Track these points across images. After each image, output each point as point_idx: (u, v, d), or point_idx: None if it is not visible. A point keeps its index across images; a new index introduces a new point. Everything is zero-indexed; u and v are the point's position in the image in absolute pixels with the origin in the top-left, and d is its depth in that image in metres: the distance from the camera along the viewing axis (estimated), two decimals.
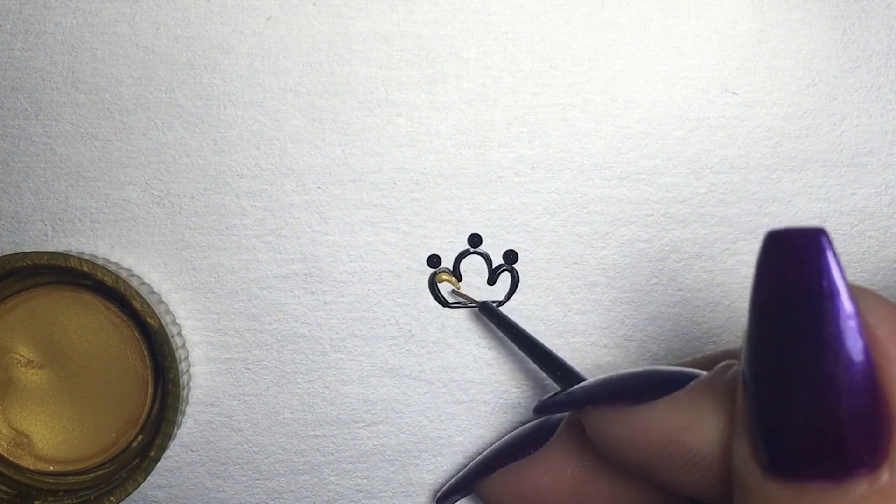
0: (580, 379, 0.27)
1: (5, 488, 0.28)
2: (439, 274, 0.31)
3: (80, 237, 0.30)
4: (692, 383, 0.21)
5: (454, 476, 0.31)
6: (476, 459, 0.30)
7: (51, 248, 0.30)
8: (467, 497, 0.31)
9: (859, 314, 0.17)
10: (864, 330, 0.17)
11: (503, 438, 0.29)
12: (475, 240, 0.31)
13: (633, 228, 0.32)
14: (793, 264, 0.17)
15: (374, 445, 0.31)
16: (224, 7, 0.30)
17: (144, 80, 0.30)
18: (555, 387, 0.28)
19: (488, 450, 0.30)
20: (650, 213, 0.32)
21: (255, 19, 0.30)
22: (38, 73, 0.30)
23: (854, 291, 0.17)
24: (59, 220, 0.30)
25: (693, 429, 0.20)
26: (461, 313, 0.31)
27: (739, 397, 0.19)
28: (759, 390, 0.18)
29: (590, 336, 0.32)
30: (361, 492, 0.31)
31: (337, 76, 0.31)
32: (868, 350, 0.17)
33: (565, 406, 0.25)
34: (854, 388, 0.17)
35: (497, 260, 0.31)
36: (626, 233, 0.32)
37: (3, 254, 0.30)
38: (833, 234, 0.32)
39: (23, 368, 0.29)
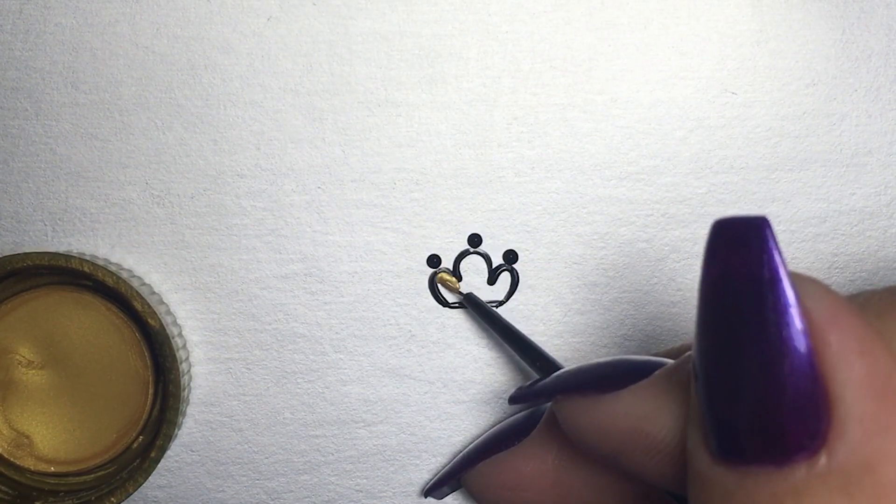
0: (558, 368, 0.27)
1: (6, 489, 0.28)
2: (440, 274, 0.31)
3: (80, 237, 0.30)
4: (656, 373, 0.21)
5: (441, 469, 0.31)
6: (463, 451, 0.30)
7: (51, 249, 0.30)
8: (456, 493, 0.31)
9: (800, 301, 0.17)
10: (804, 316, 0.17)
11: (490, 430, 0.30)
12: (475, 240, 0.31)
13: (632, 228, 0.32)
14: (736, 252, 0.17)
15: (374, 445, 0.31)
16: (224, 7, 0.30)
17: (144, 80, 0.30)
18: None
19: (475, 442, 0.30)
20: (650, 214, 0.32)
21: (255, 19, 0.30)
22: (38, 73, 0.30)
23: (795, 279, 0.17)
24: (59, 220, 0.30)
25: (655, 418, 0.20)
26: (461, 313, 0.31)
27: (691, 385, 0.19)
28: (706, 377, 0.18)
29: (590, 336, 0.32)
30: (361, 492, 0.31)
31: (337, 76, 0.31)
32: (808, 336, 0.17)
33: (537, 395, 0.25)
34: (794, 375, 0.17)
35: (497, 260, 0.31)
36: (626, 233, 0.32)
37: (4, 254, 0.30)
38: (833, 234, 0.32)
39: (23, 369, 0.29)
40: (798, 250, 0.32)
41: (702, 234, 0.32)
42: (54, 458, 0.29)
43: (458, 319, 0.31)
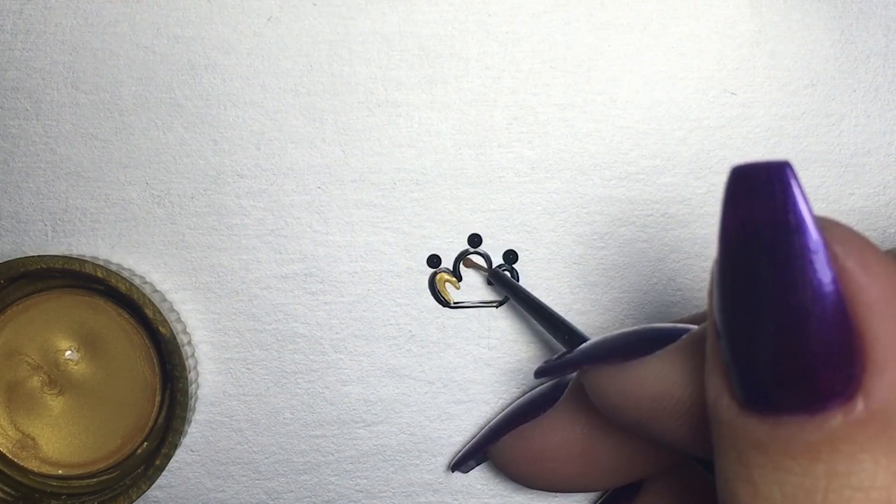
0: (585, 340, 0.27)
1: (9, 489, 0.28)
2: (440, 274, 0.31)
3: (80, 237, 0.30)
4: (683, 337, 0.21)
5: (467, 443, 0.31)
6: (488, 425, 0.30)
7: (51, 249, 0.30)
8: (482, 466, 0.31)
9: (827, 245, 0.16)
10: (833, 261, 0.16)
11: (515, 402, 0.30)
12: (475, 240, 0.31)
13: (632, 228, 0.32)
14: (758, 198, 0.17)
15: (374, 445, 0.31)
16: (224, 7, 0.30)
17: (144, 80, 0.30)
18: None
19: (500, 414, 0.30)
20: (650, 214, 0.32)
21: (255, 19, 0.30)
22: (38, 73, 0.30)
23: (821, 222, 0.17)
24: (59, 220, 0.30)
25: (683, 381, 0.20)
26: (461, 313, 0.32)
27: (710, 333, 0.19)
28: (729, 325, 0.18)
29: (589, 336, 0.32)
30: (361, 492, 0.32)
31: (337, 76, 0.31)
32: (837, 281, 0.16)
33: (564, 367, 0.25)
34: (825, 320, 0.16)
35: (497, 260, 0.31)
36: (626, 233, 0.32)
37: (4, 254, 0.30)
38: None
39: (31, 371, 0.29)
40: None
41: (702, 234, 0.32)
42: (58, 461, 0.29)
43: (458, 319, 0.31)
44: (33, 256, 0.28)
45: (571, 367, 0.25)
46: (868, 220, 0.32)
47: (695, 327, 0.21)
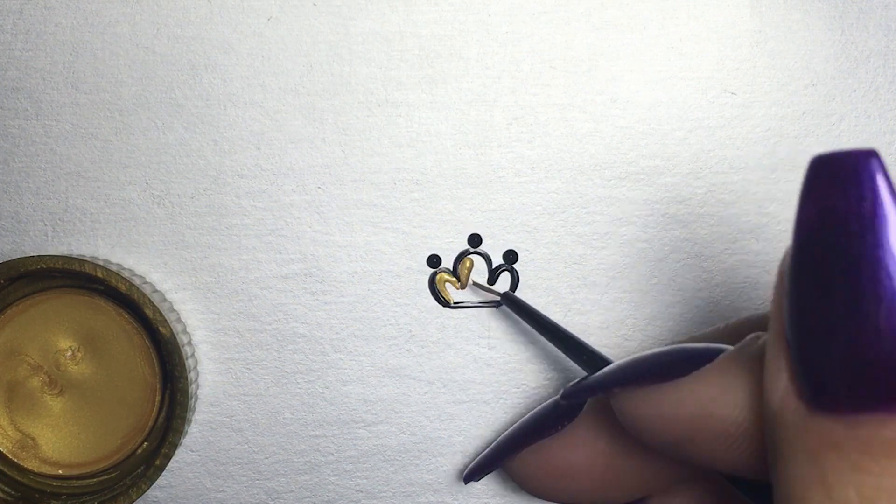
0: (606, 362, 0.26)
1: (8, 489, 0.28)
2: (440, 274, 0.31)
3: (80, 237, 0.30)
4: (721, 356, 0.21)
5: (479, 454, 0.31)
6: (502, 437, 0.29)
7: (51, 249, 0.30)
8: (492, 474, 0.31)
9: None
10: None
11: (528, 415, 0.29)
12: (475, 240, 0.31)
13: (632, 228, 0.32)
14: (839, 188, 0.16)
15: (374, 445, 0.31)
16: (224, 7, 0.30)
17: (144, 80, 0.30)
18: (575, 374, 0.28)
19: (514, 427, 0.29)
20: (650, 214, 0.32)
21: (255, 19, 0.30)
22: (38, 73, 0.30)
23: None
24: (59, 220, 0.30)
25: (725, 400, 0.20)
26: (461, 313, 0.32)
27: (774, 334, 0.18)
28: (801, 322, 0.17)
29: (590, 336, 0.32)
30: (361, 492, 0.31)
31: (337, 76, 0.31)
32: None
33: (594, 390, 0.24)
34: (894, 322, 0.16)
35: (497, 260, 0.31)
36: (626, 233, 0.32)
37: (4, 254, 0.30)
38: None
39: (31, 371, 0.29)
40: None
41: (701, 234, 0.32)
42: (58, 461, 0.29)
43: (458, 319, 0.31)
44: (33, 256, 0.28)
45: (601, 390, 0.24)
46: None
47: (729, 347, 0.21)
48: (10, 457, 0.28)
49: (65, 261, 0.27)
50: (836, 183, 0.16)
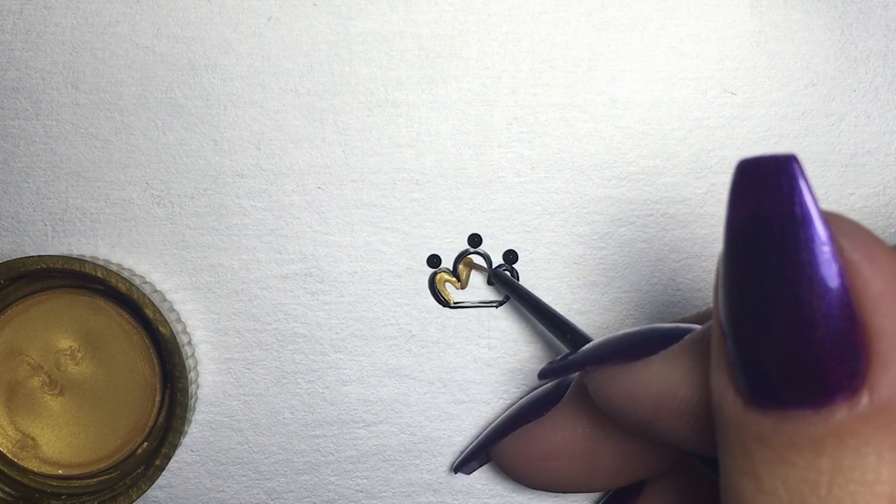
0: (588, 341, 0.27)
1: (8, 489, 0.28)
2: (440, 274, 0.31)
3: (80, 237, 0.30)
4: (686, 337, 0.21)
5: (469, 445, 0.31)
6: (490, 426, 0.30)
7: (51, 249, 0.30)
8: (484, 467, 0.31)
9: (833, 238, 0.17)
10: (839, 254, 0.16)
11: (516, 404, 0.30)
12: (475, 240, 0.31)
13: (632, 229, 0.32)
14: (764, 191, 0.17)
15: (374, 445, 0.31)
16: (224, 7, 0.30)
17: (144, 80, 0.30)
18: None
19: (502, 416, 0.30)
20: (650, 214, 0.32)
21: (255, 19, 0.30)
22: (38, 73, 0.30)
23: (827, 216, 0.17)
24: (59, 220, 0.30)
25: (687, 381, 0.20)
26: (461, 313, 0.32)
27: (715, 329, 0.19)
28: (735, 320, 0.18)
29: (592, 336, 0.32)
30: (361, 492, 0.31)
31: (337, 76, 0.31)
32: (843, 274, 0.16)
33: (567, 369, 0.25)
34: (830, 314, 0.16)
35: (497, 260, 0.31)
36: (626, 233, 0.32)
37: (4, 254, 0.30)
38: None
39: (31, 371, 0.29)
40: None
41: (702, 234, 0.32)
42: (58, 461, 0.29)
43: (458, 319, 0.31)
44: (33, 256, 0.28)
45: (575, 368, 0.25)
46: (868, 220, 0.32)
47: (697, 327, 0.21)
48: (10, 457, 0.28)
49: (65, 261, 0.27)
50: (762, 186, 0.17)
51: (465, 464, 0.30)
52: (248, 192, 0.31)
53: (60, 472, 0.29)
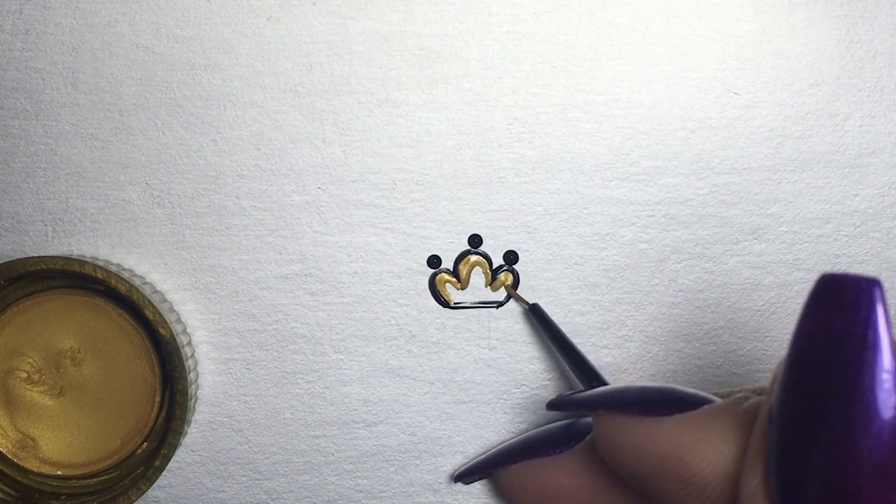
0: (602, 382, 0.27)
1: (8, 489, 0.29)
2: (440, 275, 0.31)
3: (80, 238, 0.30)
4: (706, 406, 0.21)
5: (476, 457, 0.31)
6: (501, 446, 0.30)
7: (51, 249, 0.30)
8: (482, 482, 0.31)
9: None
10: None
11: (530, 432, 0.30)
12: (475, 240, 0.31)
13: (633, 229, 0.31)
14: (841, 308, 0.17)
15: (374, 445, 0.31)
16: (224, 7, 0.30)
17: (144, 80, 0.30)
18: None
19: (514, 439, 0.30)
20: (651, 214, 0.31)
21: (255, 19, 0.30)
22: (38, 74, 0.30)
23: None
24: (59, 220, 0.30)
25: (698, 450, 0.20)
26: (461, 314, 0.31)
27: (758, 430, 0.19)
28: (784, 428, 0.18)
29: (590, 337, 0.32)
30: (361, 492, 0.32)
31: (337, 76, 0.31)
32: None
33: (578, 406, 0.25)
34: (880, 443, 0.17)
35: (497, 260, 0.31)
36: (627, 233, 0.31)
37: (4, 254, 0.30)
38: (836, 236, 0.32)
39: (32, 371, 0.29)
40: (801, 252, 0.32)
41: (703, 234, 0.32)
42: (58, 461, 0.29)
43: (458, 320, 0.31)
44: (33, 257, 0.28)
45: (587, 406, 0.25)
46: (872, 220, 0.32)
47: (718, 399, 0.22)
48: (10, 457, 0.29)
49: (65, 261, 0.28)
50: (840, 305, 0.17)
51: (466, 475, 0.31)
52: (248, 193, 0.31)
53: (60, 472, 0.29)
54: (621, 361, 0.32)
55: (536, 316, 0.31)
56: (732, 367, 0.32)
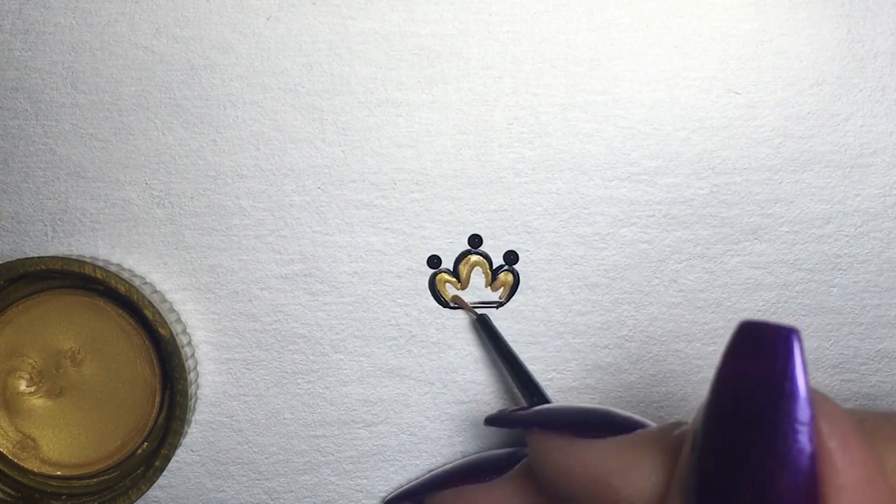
0: (546, 401, 0.28)
1: (9, 490, 0.29)
2: (440, 275, 0.31)
3: (80, 238, 0.30)
4: (637, 431, 0.22)
5: (408, 483, 0.31)
6: (434, 472, 0.30)
7: (51, 249, 0.30)
8: None
9: (814, 421, 0.17)
10: (816, 437, 0.17)
11: (464, 459, 0.30)
12: (475, 240, 0.31)
13: (634, 229, 0.31)
14: (760, 358, 0.17)
15: (374, 446, 0.31)
16: (224, 7, 0.30)
17: (144, 80, 0.30)
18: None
19: (448, 465, 0.30)
20: (651, 214, 0.31)
21: (254, 19, 0.30)
22: (38, 73, 0.30)
23: (814, 398, 0.17)
24: (59, 220, 0.30)
25: (624, 474, 0.20)
26: (462, 314, 0.31)
27: (683, 458, 0.19)
28: (703, 462, 0.18)
29: (590, 337, 0.32)
30: (361, 492, 0.32)
31: (337, 76, 0.30)
32: (815, 458, 0.17)
33: (514, 423, 0.26)
34: (793, 493, 0.17)
35: (497, 260, 0.31)
36: (628, 233, 0.31)
37: (4, 255, 0.30)
38: (837, 236, 0.32)
39: (32, 371, 0.29)
40: (801, 252, 0.32)
41: (704, 234, 0.31)
42: (58, 462, 0.29)
43: (458, 320, 0.31)
44: (33, 257, 0.28)
45: (522, 424, 0.25)
46: (873, 221, 0.32)
47: (652, 424, 0.22)
48: (11, 457, 0.29)
49: (65, 262, 0.28)
50: (759, 353, 0.17)
51: (396, 501, 0.31)
52: (248, 193, 0.31)
53: (60, 472, 0.29)
54: (621, 361, 0.32)
55: (484, 327, 0.31)
56: None
